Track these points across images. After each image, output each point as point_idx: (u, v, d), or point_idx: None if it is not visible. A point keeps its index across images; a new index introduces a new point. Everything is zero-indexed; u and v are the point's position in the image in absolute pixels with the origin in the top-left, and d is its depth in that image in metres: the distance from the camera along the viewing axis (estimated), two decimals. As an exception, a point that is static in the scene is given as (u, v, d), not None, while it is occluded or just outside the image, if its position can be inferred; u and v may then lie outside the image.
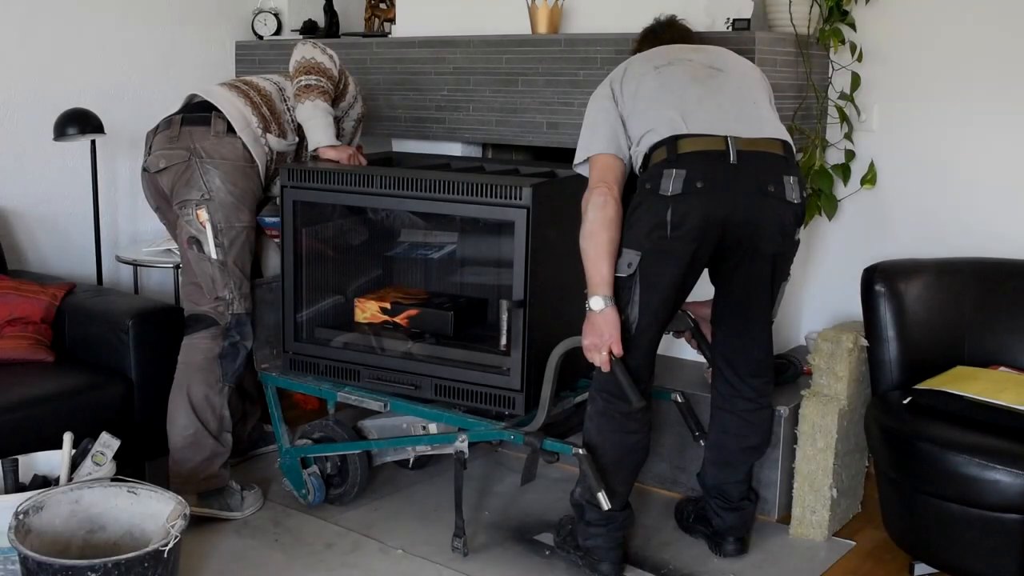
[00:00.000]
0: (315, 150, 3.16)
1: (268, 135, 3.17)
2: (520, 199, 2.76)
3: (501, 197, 2.79)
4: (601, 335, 2.56)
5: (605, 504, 2.65)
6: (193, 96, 3.25)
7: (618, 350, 2.56)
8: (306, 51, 3.15)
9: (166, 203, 3.20)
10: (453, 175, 2.93)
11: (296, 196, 3.10)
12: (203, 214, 3.06)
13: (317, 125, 3.12)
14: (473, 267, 3.39)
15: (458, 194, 2.85)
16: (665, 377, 3.35)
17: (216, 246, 3.07)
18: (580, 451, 2.67)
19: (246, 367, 3.25)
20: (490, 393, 2.89)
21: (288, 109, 3.23)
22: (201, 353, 3.12)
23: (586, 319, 2.59)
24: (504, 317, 2.80)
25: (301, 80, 3.12)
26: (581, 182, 2.68)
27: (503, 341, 2.83)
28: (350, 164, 3.14)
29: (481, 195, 2.82)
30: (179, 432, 3.10)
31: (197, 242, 3.08)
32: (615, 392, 2.65)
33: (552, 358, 2.73)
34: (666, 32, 2.94)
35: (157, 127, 3.21)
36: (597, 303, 2.56)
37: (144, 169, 3.21)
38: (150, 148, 3.19)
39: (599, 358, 2.58)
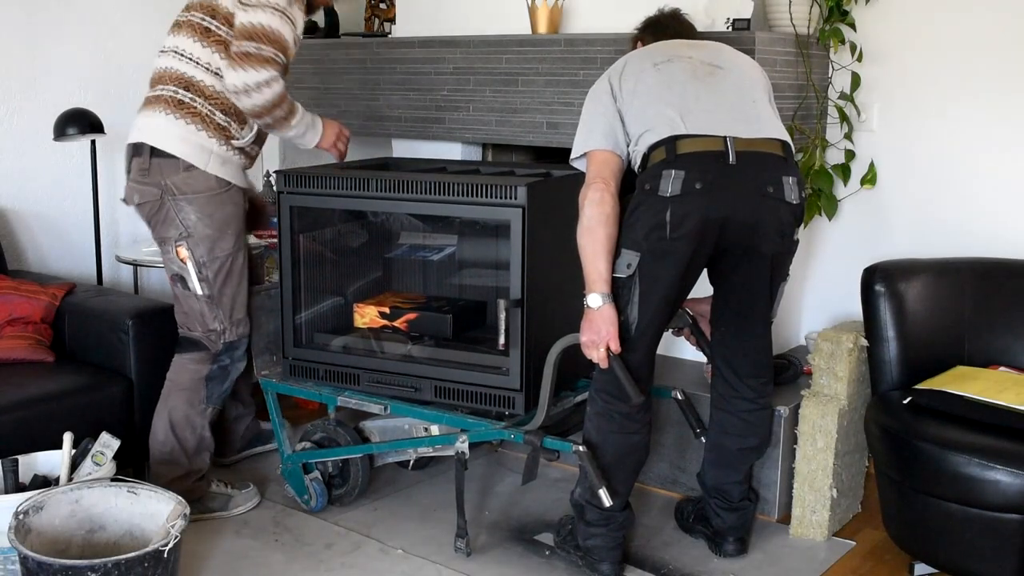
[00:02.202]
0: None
1: (233, 141, 3.00)
2: (515, 198, 2.77)
3: (497, 197, 2.79)
4: (599, 332, 2.56)
5: (607, 501, 2.65)
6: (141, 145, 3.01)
7: (616, 347, 2.57)
8: (255, 16, 2.84)
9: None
10: (449, 177, 2.94)
11: (293, 201, 3.10)
12: (183, 251, 2.98)
13: (311, 127, 3.07)
14: (472, 269, 3.39)
15: (454, 195, 2.86)
16: (665, 376, 3.35)
17: (200, 281, 3.01)
18: (580, 448, 2.67)
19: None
20: (490, 394, 2.89)
21: None
22: (188, 374, 3.09)
23: (584, 316, 2.59)
24: (502, 316, 2.80)
25: (266, 99, 2.84)
26: (576, 181, 2.67)
27: (501, 341, 2.83)
28: (341, 138, 3.12)
29: (477, 196, 2.82)
30: (157, 446, 3.11)
31: (181, 279, 3.03)
32: (614, 392, 2.65)
33: (550, 356, 2.73)
34: (671, 24, 2.93)
35: (134, 145, 3.04)
36: (595, 300, 2.56)
37: (123, 199, 3.10)
38: (128, 168, 3.06)
39: (597, 355, 2.58)
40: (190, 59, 2.96)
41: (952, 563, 2.67)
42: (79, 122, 3.60)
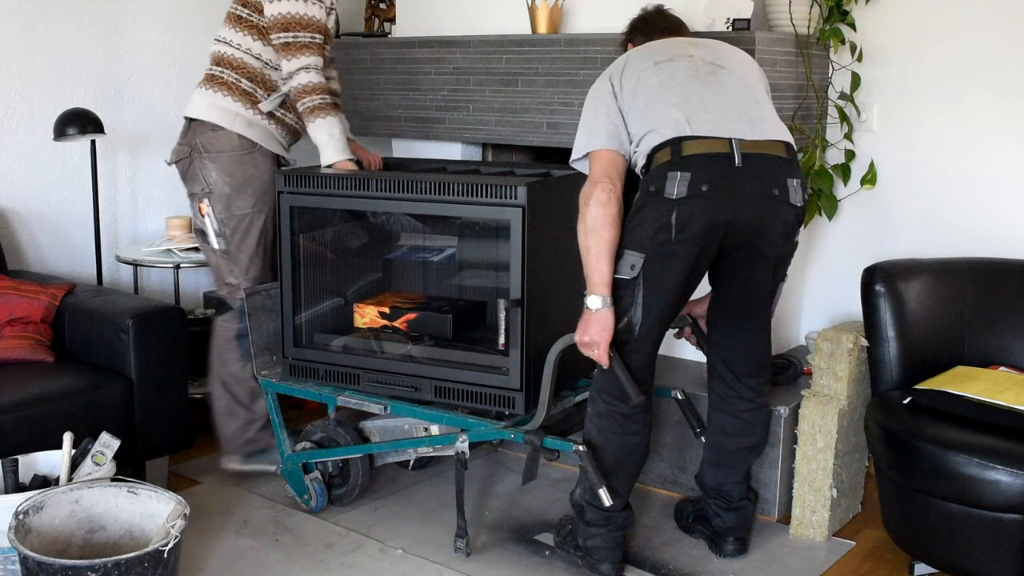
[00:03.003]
0: (329, 165, 3.18)
1: (259, 106, 3.22)
2: (516, 198, 2.77)
3: (497, 197, 2.79)
4: (591, 335, 2.56)
5: (607, 500, 2.64)
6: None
7: (604, 356, 2.56)
8: (282, 7, 3.11)
9: None
10: (449, 177, 2.94)
11: (293, 201, 3.10)
12: (204, 207, 3.22)
13: (331, 144, 3.16)
14: (471, 270, 3.39)
15: (454, 195, 2.86)
16: (665, 376, 3.35)
17: (218, 236, 3.23)
18: (580, 448, 2.67)
19: None
20: (490, 393, 2.89)
21: (267, 63, 3.22)
22: (223, 333, 3.35)
23: (582, 316, 2.59)
24: (502, 316, 2.80)
25: (300, 82, 3.11)
26: (576, 181, 2.67)
27: (501, 341, 2.83)
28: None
29: (477, 195, 2.82)
30: (216, 403, 3.39)
31: (202, 233, 3.28)
32: (615, 393, 2.65)
33: (550, 356, 2.73)
34: (658, 21, 2.93)
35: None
36: (595, 302, 2.55)
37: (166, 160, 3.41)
38: None
39: (591, 353, 2.58)
40: (224, 42, 3.26)
41: (952, 563, 2.67)
42: (79, 122, 3.59)
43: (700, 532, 3.03)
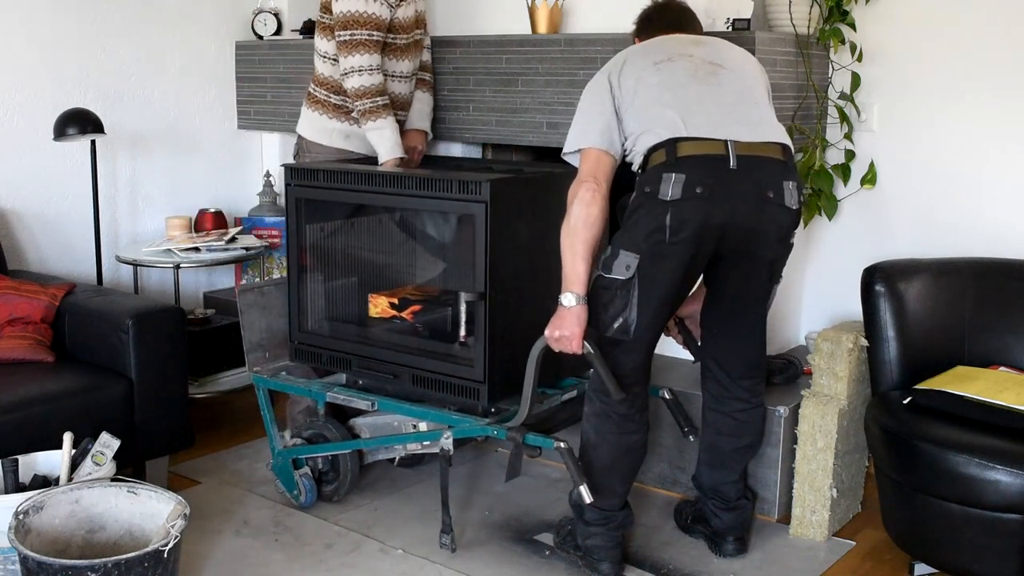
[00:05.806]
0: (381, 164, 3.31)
1: (352, 115, 3.36)
2: (480, 194, 2.79)
3: (463, 193, 2.83)
4: (562, 329, 2.57)
5: (587, 497, 2.63)
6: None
7: (579, 348, 2.57)
8: (342, 5, 3.21)
9: None
10: (420, 172, 3.02)
11: (298, 194, 3.17)
12: None
13: (383, 144, 3.28)
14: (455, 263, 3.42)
15: (421, 189, 2.92)
16: (659, 375, 3.34)
17: None
18: (561, 445, 2.67)
19: None
20: (457, 384, 2.93)
21: None
22: None
23: (556, 312, 2.60)
24: (462, 309, 2.83)
25: (353, 84, 3.22)
26: (550, 180, 2.67)
27: (462, 333, 2.86)
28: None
29: (443, 191, 2.87)
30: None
31: None
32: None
33: (532, 353, 2.73)
34: (662, 16, 2.90)
35: None
36: (569, 300, 2.56)
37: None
38: None
39: (566, 348, 2.59)
40: (316, 51, 3.43)
41: (952, 563, 2.67)
42: (79, 122, 3.60)
43: (699, 532, 3.03)
